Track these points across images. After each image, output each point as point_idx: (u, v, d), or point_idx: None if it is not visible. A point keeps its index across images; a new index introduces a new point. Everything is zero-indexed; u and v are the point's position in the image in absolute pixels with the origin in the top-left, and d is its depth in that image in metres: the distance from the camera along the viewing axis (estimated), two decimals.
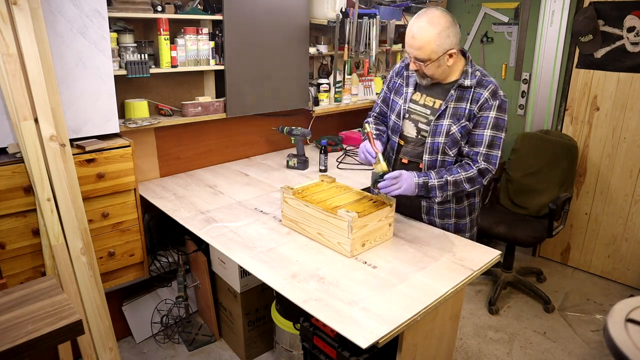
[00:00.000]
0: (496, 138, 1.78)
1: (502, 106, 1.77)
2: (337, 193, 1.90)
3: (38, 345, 1.08)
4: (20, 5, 1.70)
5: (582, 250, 3.40)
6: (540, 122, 3.41)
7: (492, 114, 1.76)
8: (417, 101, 1.89)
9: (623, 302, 1.06)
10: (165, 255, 2.60)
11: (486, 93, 1.76)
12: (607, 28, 2.99)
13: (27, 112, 1.76)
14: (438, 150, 1.84)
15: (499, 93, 1.77)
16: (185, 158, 2.72)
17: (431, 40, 1.67)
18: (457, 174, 1.78)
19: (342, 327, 1.33)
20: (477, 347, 2.60)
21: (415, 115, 1.89)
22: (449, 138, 1.81)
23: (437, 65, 1.73)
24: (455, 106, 1.80)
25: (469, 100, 1.78)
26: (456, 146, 1.82)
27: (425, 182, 1.77)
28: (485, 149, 1.78)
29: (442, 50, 1.69)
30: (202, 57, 2.45)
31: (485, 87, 1.77)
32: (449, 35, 1.67)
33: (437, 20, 1.66)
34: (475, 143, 1.80)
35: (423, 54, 1.70)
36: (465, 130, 1.80)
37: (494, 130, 1.77)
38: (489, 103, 1.76)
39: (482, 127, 1.78)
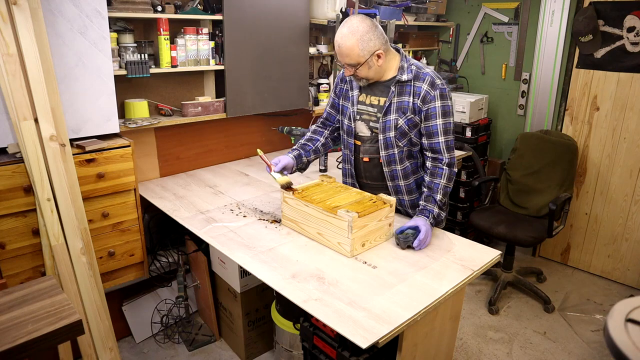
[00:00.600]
0: (448, 124, 1.89)
1: (443, 94, 1.87)
2: (337, 193, 1.90)
3: (38, 345, 1.08)
4: (20, 5, 1.70)
5: (582, 250, 3.40)
6: (540, 122, 3.41)
7: (437, 103, 1.86)
8: (363, 102, 2.00)
9: (623, 302, 1.06)
10: (165, 255, 2.60)
11: (425, 86, 1.86)
12: (607, 28, 2.99)
13: (27, 112, 1.76)
14: (391, 144, 1.94)
15: (436, 83, 1.86)
16: (185, 158, 2.72)
17: (354, 46, 1.79)
18: (438, 185, 1.89)
19: (342, 327, 1.33)
20: (477, 347, 2.60)
21: (365, 115, 1.99)
22: (397, 131, 1.91)
23: (367, 67, 1.84)
24: (398, 100, 1.91)
25: (411, 94, 1.89)
26: (405, 137, 1.92)
27: (433, 216, 1.86)
28: (442, 137, 1.89)
29: (367, 53, 1.80)
30: (202, 57, 2.45)
31: (423, 79, 1.87)
32: (370, 39, 1.79)
33: (356, 28, 1.79)
34: (432, 134, 1.89)
35: (351, 60, 1.82)
36: (412, 122, 1.90)
37: (444, 117, 1.88)
38: (431, 94, 1.86)
39: (432, 118, 1.88)
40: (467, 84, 3.82)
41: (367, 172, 2.06)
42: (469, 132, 3.43)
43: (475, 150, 3.43)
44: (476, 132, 3.47)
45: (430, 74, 1.88)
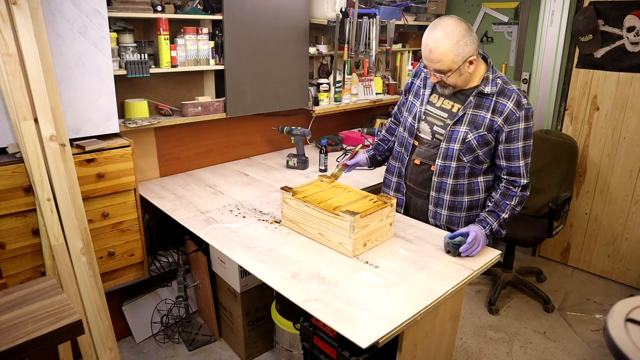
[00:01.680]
0: (527, 147, 1.82)
1: (528, 115, 1.77)
2: (337, 193, 1.90)
3: (38, 345, 1.08)
4: (20, 5, 1.70)
5: (582, 250, 3.40)
6: (540, 121, 3.41)
7: (521, 125, 1.77)
8: (434, 103, 1.89)
9: (623, 301, 1.06)
10: (165, 255, 2.60)
11: (510, 104, 1.75)
12: (607, 28, 2.99)
13: (27, 112, 1.76)
14: (452, 156, 1.83)
15: (522, 102, 1.76)
16: (185, 158, 2.72)
17: (449, 51, 1.65)
18: (507, 206, 1.82)
19: (342, 326, 1.33)
20: (477, 347, 2.60)
21: (431, 118, 1.89)
22: (464, 145, 1.80)
23: (458, 75, 1.72)
24: (473, 113, 1.79)
25: (490, 109, 1.77)
26: (471, 154, 1.82)
27: (491, 229, 1.80)
28: (522, 161, 1.81)
29: (461, 60, 1.67)
30: (202, 57, 2.45)
31: (509, 97, 1.75)
32: (466, 44, 1.66)
33: (452, 31, 1.64)
34: (512, 157, 1.81)
35: (443, 66, 1.69)
36: (484, 140, 1.79)
37: (525, 140, 1.80)
38: (516, 115, 1.75)
39: (515, 140, 1.78)
40: None
41: (413, 175, 1.98)
42: None
43: None
44: None
45: (517, 91, 1.77)
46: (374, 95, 3.44)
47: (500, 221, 1.81)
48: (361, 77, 3.35)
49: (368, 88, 3.40)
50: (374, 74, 3.45)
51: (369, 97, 3.41)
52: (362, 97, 3.37)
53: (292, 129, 2.77)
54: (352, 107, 3.26)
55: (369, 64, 3.20)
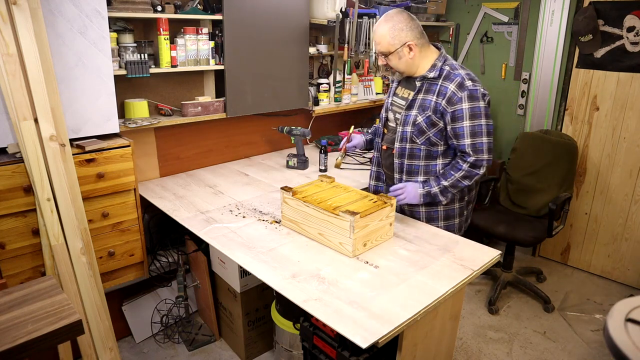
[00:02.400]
0: (477, 126, 1.85)
1: (473, 94, 1.83)
2: (337, 193, 1.90)
3: (38, 345, 1.08)
4: (20, 5, 1.70)
5: (582, 250, 3.40)
6: (540, 121, 3.41)
7: (464, 105, 1.84)
8: (398, 94, 2.07)
9: (623, 302, 1.06)
10: (165, 255, 2.60)
11: (452, 86, 1.85)
12: (607, 28, 2.99)
13: (27, 112, 1.76)
14: (406, 138, 1.98)
15: (465, 84, 1.84)
16: (185, 158, 2.72)
17: (386, 33, 1.86)
18: (452, 177, 1.91)
19: (342, 326, 1.33)
20: (477, 347, 2.60)
21: (396, 107, 2.07)
22: (415, 127, 1.95)
23: (397, 58, 1.89)
24: (422, 98, 1.93)
25: (436, 93, 1.89)
26: (422, 135, 1.94)
27: (428, 191, 1.93)
28: (469, 139, 1.87)
29: (398, 43, 1.86)
30: (202, 57, 2.45)
31: (452, 80, 1.86)
32: (402, 29, 1.85)
33: (391, 17, 1.86)
34: (459, 136, 1.88)
35: (383, 47, 1.89)
36: (430, 121, 1.91)
37: (472, 119, 1.85)
38: (458, 96, 1.84)
39: (459, 120, 1.86)
40: None
41: (383, 160, 2.16)
42: None
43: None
44: None
45: (463, 75, 1.86)
46: (374, 95, 3.45)
47: (440, 187, 1.92)
48: (361, 77, 3.35)
49: (368, 88, 3.40)
50: (374, 74, 3.45)
51: (369, 97, 3.41)
52: (362, 97, 3.37)
53: (292, 129, 2.77)
54: (352, 107, 3.26)
55: (369, 64, 3.20)
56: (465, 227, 2.18)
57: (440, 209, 2.05)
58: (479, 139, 1.86)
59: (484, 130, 1.86)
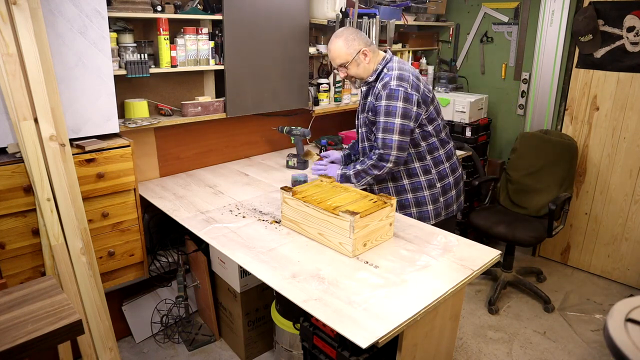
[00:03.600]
0: (389, 124, 2.00)
1: (392, 94, 1.98)
2: (337, 193, 1.90)
3: (38, 345, 1.08)
4: (20, 5, 1.70)
5: (582, 250, 3.40)
6: (540, 121, 3.41)
7: (382, 102, 2.00)
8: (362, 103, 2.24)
9: (623, 301, 1.06)
10: (165, 255, 2.60)
11: (379, 85, 2.04)
12: (606, 28, 2.99)
13: (27, 112, 1.76)
14: (364, 138, 2.20)
15: (389, 84, 1.99)
16: (185, 158, 2.72)
17: (340, 46, 2.05)
18: (364, 164, 2.09)
19: (342, 326, 1.33)
20: (477, 347, 2.60)
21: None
22: (367, 127, 2.16)
23: (356, 65, 2.07)
24: (368, 100, 2.12)
25: (373, 94, 2.08)
26: (372, 133, 2.13)
27: (344, 173, 2.14)
28: (381, 134, 2.02)
29: (354, 51, 2.04)
30: (201, 57, 2.45)
31: (382, 80, 2.04)
32: (354, 39, 2.04)
33: (341, 33, 2.07)
34: (376, 130, 2.06)
35: (341, 59, 2.07)
36: (369, 120, 2.12)
37: (386, 116, 2.00)
38: (381, 94, 2.01)
39: (378, 115, 2.04)
40: (467, 84, 3.82)
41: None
42: (469, 132, 3.43)
43: (475, 150, 3.43)
44: (476, 132, 3.47)
45: (392, 75, 2.01)
46: None
47: (355, 170, 2.11)
48: None
49: None
50: None
51: None
52: None
53: (292, 129, 2.77)
54: (352, 107, 3.26)
55: None
56: (445, 215, 2.25)
57: (409, 197, 2.21)
58: (389, 136, 2.00)
59: (396, 129, 1.99)
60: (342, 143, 3.18)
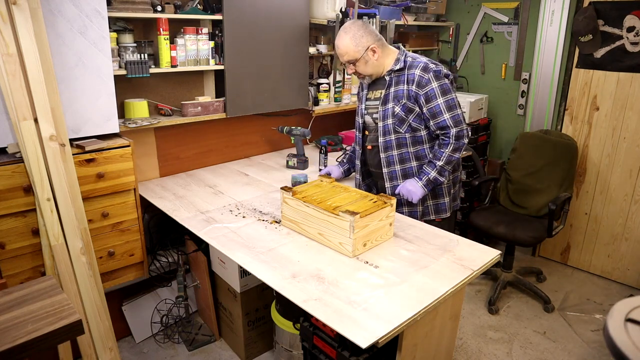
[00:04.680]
0: (450, 100, 2.00)
1: (438, 75, 1.99)
2: (337, 193, 1.90)
3: (38, 345, 1.08)
4: (20, 5, 1.70)
5: (582, 250, 3.40)
6: (540, 121, 3.41)
7: (433, 85, 1.98)
8: (370, 98, 2.19)
9: (623, 301, 1.06)
10: (165, 255, 2.60)
11: (418, 71, 2.00)
12: (606, 28, 2.99)
13: (27, 112, 1.76)
14: (389, 131, 2.10)
15: (429, 67, 1.99)
16: (185, 158, 2.72)
17: (348, 42, 2.00)
18: (443, 154, 2.03)
19: (342, 326, 1.33)
20: (477, 347, 2.60)
21: (371, 109, 2.18)
22: (395, 118, 2.07)
23: (364, 62, 2.03)
24: (394, 90, 2.06)
25: (405, 82, 2.03)
26: (404, 123, 2.07)
27: (427, 179, 2.05)
28: (447, 114, 2.00)
29: (362, 48, 2.00)
30: (201, 57, 2.45)
31: (417, 66, 2.01)
32: (362, 35, 1.99)
33: (349, 28, 2.00)
34: (436, 114, 2.01)
35: (349, 56, 2.03)
36: (406, 107, 2.04)
37: (443, 95, 1.99)
38: (425, 78, 1.99)
39: (433, 99, 1.99)
40: (467, 84, 3.82)
41: (370, 160, 2.25)
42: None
43: (475, 150, 3.43)
44: (476, 132, 3.47)
45: (425, 60, 2.02)
46: None
47: (437, 169, 2.03)
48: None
49: None
50: None
51: None
52: None
53: (292, 129, 2.77)
54: (352, 107, 3.26)
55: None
56: (454, 208, 2.27)
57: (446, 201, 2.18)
58: (456, 111, 2.00)
59: (457, 103, 2.01)
60: (342, 143, 3.18)
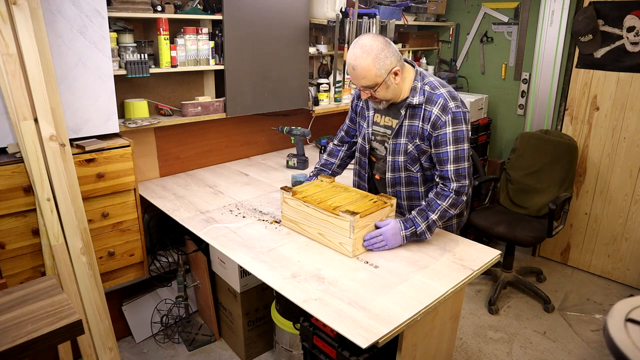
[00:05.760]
0: (460, 151, 1.76)
1: (456, 118, 1.74)
2: (337, 193, 1.90)
3: (38, 345, 1.08)
4: (20, 5, 1.70)
5: (582, 250, 3.40)
6: (540, 121, 3.41)
7: (447, 129, 1.74)
8: (378, 123, 1.94)
9: (623, 301, 1.06)
10: (165, 255, 2.60)
11: (436, 110, 1.75)
12: (606, 28, 2.99)
13: (27, 112, 1.76)
14: (400, 168, 1.88)
15: (449, 106, 1.74)
16: (185, 158, 2.72)
17: (370, 66, 1.68)
18: (439, 207, 1.77)
19: (342, 326, 1.33)
20: (477, 347, 2.60)
21: (379, 136, 1.94)
22: (408, 156, 1.85)
23: (385, 88, 1.74)
24: (409, 124, 1.82)
25: (421, 118, 1.79)
26: (416, 163, 1.86)
27: (413, 231, 1.76)
28: (453, 166, 1.77)
29: (384, 72, 1.70)
30: (201, 57, 2.45)
31: (435, 103, 1.75)
32: (386, 57, 1.69)
33: (370, 47, 1.68)
34: (442, 161, 1.78)
35: (368, 81, 1.72)
36: (420, 149, 1.82)
37: (455, 144, 1.75)
38: (442, 120, 1.74)
39: (443, 145, 1.76)
40: (467, 84, 3.82)
41: (380, 188, 2.05)
42: None
43: (475, 150, 3.43)
44: (476, 132, 3.47)
45: (444, 95, 1.75)
46: None
47: (428, 222, 1.76)
48: None
49: None
50: None
51: None
52: None
53: (292, 129, 2.77)
54: None
55: None
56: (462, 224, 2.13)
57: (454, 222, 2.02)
58: (462, 165, 1.77)
59: (466, 155, 1.78)
60: None
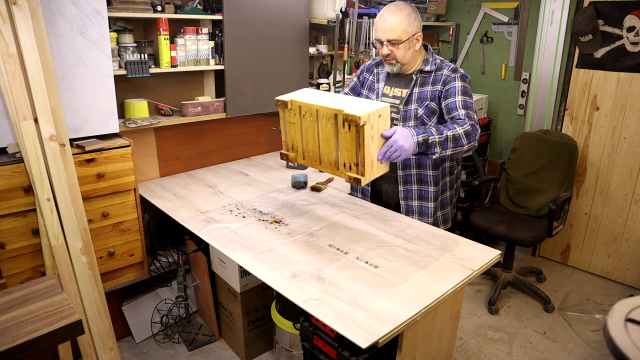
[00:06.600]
0: (468, 102, 1.90)
1: (464, 78, 1.92)
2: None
3: (38, 345, 1.08)
4: (20, 5, 1.70)
5: (582, 250, 3.40)
6: (540, 121, 3.41)
7: (457, 84, 1.90)
8: (387, 94, 2.05)
9: (623, 301, 1.06)
10: (165, 255, 2.60)
11: (446, 71, 1.94)
12: (606, 28, 2.99)
13: (27, 112, 1.76)
14: None
15: (458, 69, 1.94)
16: (185, 158, 2.72)
17: (401, 20, 1.86)
18: (454, 129, 1.75)
19: (342, 326, 1.33)
20: (477, 346, 2.60)
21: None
22: (417, 120, 1.96)
23: (406, 48, 1.90)
24: (419, 91, 1.97)
25: (432, 83, 1.95)
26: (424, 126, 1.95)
27: (426, 139, 1.69)
28: (463, 110, 1.87)
29: (411, 32, 1.88)
30: (202, 57, 2.45)
31: (445, 68, 1.95)
32: (415, 19, 1.89)
33: (403, 7, 1.89)
34: (452, 109, 1.89)
35: (395, 34, 1.87)
36: (430, 109, 1.95)
37: (463, 96, 1.89)
38: (451, 76, 1.92)
39: (452, 95, 1.90)
40: None
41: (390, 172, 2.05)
42: None
43: (475, 150, 3.43)
44: None
45: (454, 65, 1.97)
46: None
47: (442, 137, 1.71)
48: None
49: None
50: None
51: None
52: None
53: None
54: None
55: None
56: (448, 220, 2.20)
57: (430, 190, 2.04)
58: (471, 111, 1.88)
59: (474, 108, 1.91)
60: None
